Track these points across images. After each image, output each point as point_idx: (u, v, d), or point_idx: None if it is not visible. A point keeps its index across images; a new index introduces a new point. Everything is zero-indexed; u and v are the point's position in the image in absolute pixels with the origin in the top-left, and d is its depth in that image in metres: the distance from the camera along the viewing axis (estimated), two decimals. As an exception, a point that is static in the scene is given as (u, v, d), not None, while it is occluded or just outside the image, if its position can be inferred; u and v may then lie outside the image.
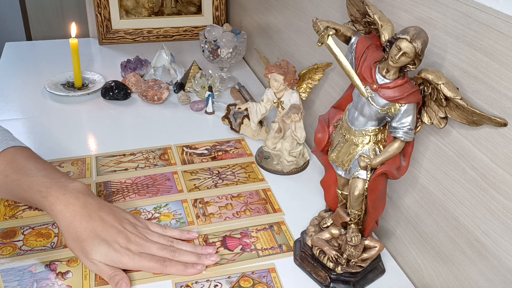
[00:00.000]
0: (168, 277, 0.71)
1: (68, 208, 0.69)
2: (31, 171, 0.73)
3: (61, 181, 0.72)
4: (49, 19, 2.36)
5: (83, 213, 0.69)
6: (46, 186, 0.71)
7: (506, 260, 0.58)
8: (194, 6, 1.59)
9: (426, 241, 0.72)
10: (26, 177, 0.72)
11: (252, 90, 1.29)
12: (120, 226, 0.70)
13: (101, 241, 0.68)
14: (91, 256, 0.67)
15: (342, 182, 0.71)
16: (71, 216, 0.68)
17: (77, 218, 0.68)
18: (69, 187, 0.71)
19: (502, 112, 0.56)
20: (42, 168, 0.75)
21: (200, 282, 0.71)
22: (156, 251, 0.70)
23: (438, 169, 0.68)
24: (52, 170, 0.75)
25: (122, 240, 0.69)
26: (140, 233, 0.71)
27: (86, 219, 0.68)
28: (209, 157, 1.00)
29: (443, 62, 0.64)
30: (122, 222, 0.71)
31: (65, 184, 0.72)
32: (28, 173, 0.73)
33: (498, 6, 0.55)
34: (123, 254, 0.68)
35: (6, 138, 0.80)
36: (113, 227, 0.69)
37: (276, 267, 0.74)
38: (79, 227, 0.68)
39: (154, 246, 0.70)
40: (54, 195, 0.70)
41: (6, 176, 0.74)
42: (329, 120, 0.72)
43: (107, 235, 0.68)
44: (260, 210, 0.86)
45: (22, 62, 1.42)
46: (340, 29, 0.64)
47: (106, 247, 0.67)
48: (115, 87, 1.21)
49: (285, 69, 0.91)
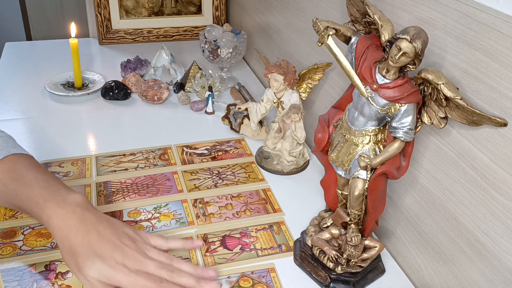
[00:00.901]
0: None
1: (64, 222, 0.66)
2: (30, 181, 0.71)
3: (60, 193, 0.70)
4: (49, 19, 2.36)
5: (79, 227, 0.66)
6: (44, 198, 0.69)
7: (506, 260, 0.58)
8: (194, 6, 1.59)
9: (426, 241, 0.72)
10: (25, 188, 0.71)
11: (252, 90, 1.29)
12: (118, 240, 0.66)
13: (96, 256, 0.64)
14: (84, 271, 0.64)
15: (342, 182, 0.71)
16: (67, 230, 0.66)
17: (73, 232, 0.66)
18: (67, 199, 0.69)
19: (502, 112, 0.56)
20: (42, 178, 0.73)
21: (200, 282, 0.71)
22: (154, 269, 0.66)
23: (438, 169, 0.68)
24: (51, 181, 0.73)
25: (118, 255, 0.65)
26: (139, 249, 0.67)
27: (82, 233, 0.66)
28: (209, 157, 1.00)
29: (443, 62, 0.64)
30: (121, 236, 0.67)
31: (64, 197, 0.69)
32: (27, 183, 0.71)
33: (498, 6, 0.55)
34: (118, 271, 0.64)
35: (8, 145, 0.78)
36: (110, 242, 0.66)
37: (276, 267, 0.74)
38: (74, 242, 0.65)
39: (152, 264, 0.66)
40: (51, 208, 0.68)
41: (4, 185, 0.72)
42: (329, 120, 0.72)
43: (103, 250, 0.65)
44: (260, 210, 0.86)
45: (22, 62, 1.42)
46: (340, 29, 0.64)
47: (100, 263, 0.64)
48: (115, 87, 1.21)
49: (285, 69, 0.91)
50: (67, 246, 0.66)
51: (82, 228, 0.66)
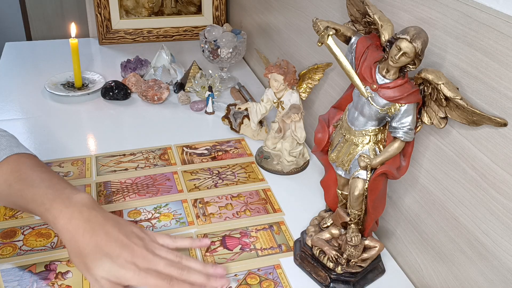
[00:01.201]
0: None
1: (70, 222, 0.65)
2: (34, 182, 0.70)
3: (65, 193, 0.69)
4: (49, 19, 2.36)
5: (86, 227, 0.65)
6: (50, 198, 0.68)
7: (506, 260, 0.58)
8: (194, 6, 1.59)
9: (426, 241, 0.72)
10: (30, 188, 0.70)
11: (252, 90, 1.29)
12: (126, 239, 0.66)
13: (104, 256, 0.63)
14: (93, 271, 0.63)
15: (342, 182, 0.71)
16: (73, 231, 0.65)
17: (80, 232, 0.65)
18: (73, 199, 0.68)
19: (502, 112, 0.56)
20: (47, 178, 0.71)
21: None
22: (163, 267, 0.65)
23: (438, 169, 0.68)
24: (56, 180, 0.72)
25: (127, 254, 0.64)
26: (147, 247, 0.67)
27: (90, 233, 0.65)
28: (209, 157, 1.00)
29: (443, 62, 0.64)
30: (128, 235, 0.67)
31: (69, 196, 0.68)
32: (32, 183, 0.70)
33: (498, 6, 0.55)
34: (127, 269, 0.63)
35: (11, 144, 0.77)
36: (117, 241, 0.65)
37: (281, 263, 0.75)
38: (82, 242, 0.64)
39: (161, 262, 0.65)
40: (57, 208, 0.66)
41: (9, 186, 0.71)
42: (329, 120, 0.72)
43: (111, 250, 0.64)
44: (260, 210, 0.86)
45: (22, 62, 1.42)
46: (340, 29, 0.64)
47: (109, 262, 0.63)
48: (115, 87, 1.21)
49: (285, 69, 0.91)
50: (75, 247, 0.65)
51: (89, 227, 0.65)
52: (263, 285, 0.71)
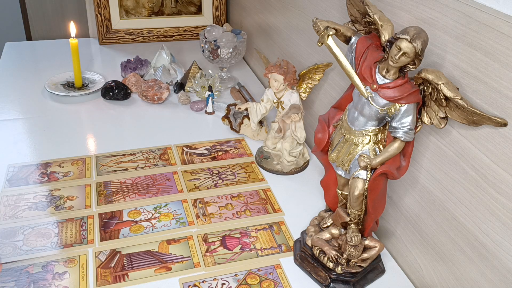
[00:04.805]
0: (175, 275, 0.71)
1: None
2: None
3: None
4: (49, 19, 2.36)
5: None
6: None
7: (506, 260, 0.58)
8: (194, 6, 1.59)
9: (426, 241, 0.72)
10: None
11: (252, 90, 1.29)
12: None
13: None
14: None
15: (342, 182, 0.71)
16: None
17: None
18: None
19: (502, 112, 0.56)
20: None
21: (207, 281, 0.71)
22: None
23: (438, 169, 0.68)
24: None
25: None
26: None
27: None
28: (209, 157, 1.00)
29: (443, 62, 0.64)
30: None
31: None
32: None
33: (498, 6, 0.54)
34: None
35: None
36: None
37: (281, 263, 0.74)
38: None
39: None
40: None
41: None
42: (329, 120, 0.72)
43: None
44: (260, 210, 0.86)
45: (22, 62, 1.42)
46: (340, 29, 0.64)
47: None
48: (115, 87, 1.21)
49: (285, 69, 0.91)
50: None
51: None
52: (263, 285, 0.71)
